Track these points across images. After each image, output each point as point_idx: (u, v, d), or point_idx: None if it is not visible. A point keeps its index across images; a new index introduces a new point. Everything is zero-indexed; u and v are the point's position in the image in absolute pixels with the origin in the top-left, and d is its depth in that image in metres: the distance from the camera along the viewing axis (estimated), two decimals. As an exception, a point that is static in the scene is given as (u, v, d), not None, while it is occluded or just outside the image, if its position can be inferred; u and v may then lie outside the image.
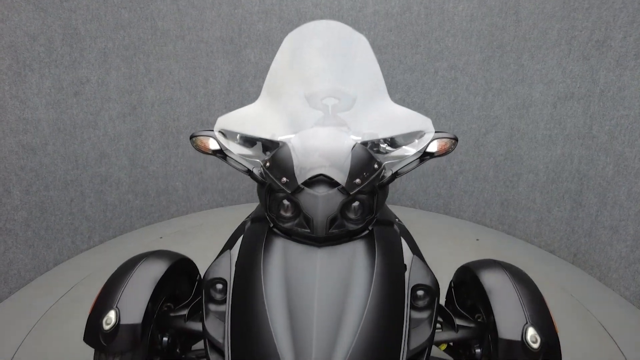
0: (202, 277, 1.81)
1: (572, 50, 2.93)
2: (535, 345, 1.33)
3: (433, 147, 1.52)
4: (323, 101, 1.72)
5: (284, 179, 1.46)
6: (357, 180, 1.45)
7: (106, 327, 1.40)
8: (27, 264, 2.78)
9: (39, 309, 2.50)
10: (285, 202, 1.50)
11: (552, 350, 1.35)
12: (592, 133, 2.88)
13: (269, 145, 1.68)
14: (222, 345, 1.35)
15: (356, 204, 1.49)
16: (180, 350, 1.76)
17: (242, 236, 1.65)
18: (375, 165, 1.52)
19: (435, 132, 1.55)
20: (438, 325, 1.64)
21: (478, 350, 1.60)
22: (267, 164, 1.54)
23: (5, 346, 2.19)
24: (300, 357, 1.21)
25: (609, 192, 2.77)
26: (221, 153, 1.57)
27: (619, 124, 2.67)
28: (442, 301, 2.30)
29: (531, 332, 1.35)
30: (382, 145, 1.67)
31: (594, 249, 2.92)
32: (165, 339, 1.67)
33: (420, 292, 1.48)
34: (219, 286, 1.51)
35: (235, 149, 1.58)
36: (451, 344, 1.72)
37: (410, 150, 1.57)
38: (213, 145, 1.56)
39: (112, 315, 1.42)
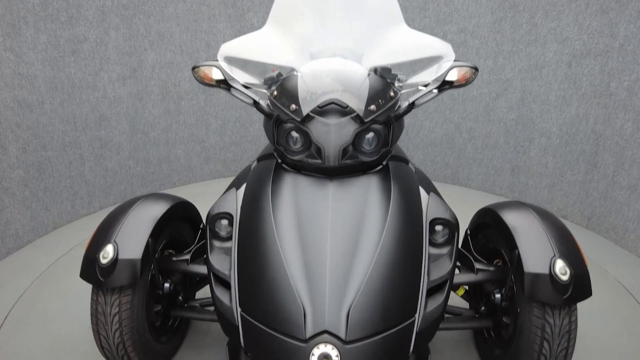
0: (204, 223, 1.72)
1: (590, 4, 2.81)
2: (565, 278, 1.24)
3: (452, 76, 1.42)
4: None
5: (293, 106, 1.36)
6: (372, 107, 1.35)
7: (103, 261, 1.32)
8: (25, 225, 2.70)
9: (38, 268, 2.43)
10: (294, 133, 1.40)
11: (582, 283, 1.26)
12: (610, 90, 2.76)
13: (275, 78, 1.58)
14: (228, 277, 1.27)
15: (370, 134, 1.39)
16: (183, 298, 1.68)
17: (249, 175, 1.56)
18: (392, 93, 1.42)
19: (454, 60, 1.45)
20: (456, 271, 1.55)
21: (498, 296, 1.51)
22: (275, 93, 1.44)
23: (2, 302, 2.11)
24: (313, 285, 1.12)
25: (627, 150, 2.66)
26: (225, 84, 1.47)
27: (639, 79, 2.56)
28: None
29: (560, 264, 1.26)
30: (397, 83, 1.57)
31: (610, 211, 2.83)
32: (167, 285, 1.59)
33: (439, 227, 1.39)
34: (224, 222, 1.42)
35: (241, 78, 1.48)
36: (466, 288, 1.63)
37: (428, 79, 1.47)
38: (216, 75, 1.46)
39: (109, 249, 1.34)
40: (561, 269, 1.25)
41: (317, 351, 1.03)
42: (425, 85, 1.47)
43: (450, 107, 3.80)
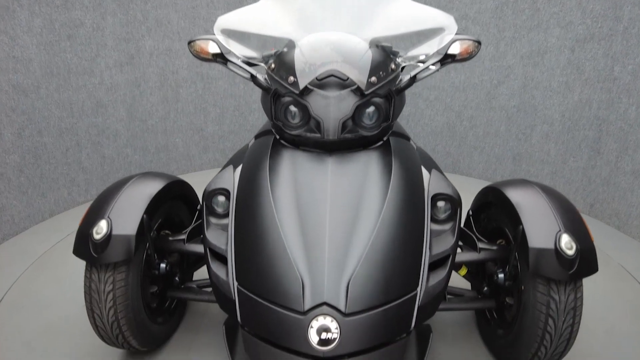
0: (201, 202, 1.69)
1: (593, -13, 2.77)
2: (571, 252, 1.20)
3: (455, 49, 1.38)
4: None
5: (291, 79, 1.32)
6: (373, 79, 1.31)
7: (97, 237, 1.28)
8: (20, 211, 2.66)
9: (34, 254, 2.40)
10: (293, 107, 1.37)
11: (588, 258, 1.23)
12: (614, 75, 2.72)
13: (273, 55, 1.54)
14: (225, 252, 1.23)
15: (371, 109, 1.36)
16: (180, 279, 1.65)
17: (246, 152, 1.53)
18: (393, 66, 1.38)
19: (456, 33, 1.41)
20: (459, 250, 1.52)
21: (501, 276, 1.47)
22: (272, 66, 1.41)
23: (-3, 286, 2.09)
24: (312, 257, 1.09)
25: (630, 135, 2.63)
26: (222, 58, 1.43)
27: (643, 61, 2.52)
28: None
29: (565, 238, 1.22)
30: (398, 58, 1.53)
31: (613, 198, 2.79)
32: (163, 265, 1.55)
33: (441, 203, 1.35)
34: (221, 198, 1.38)
35: (238, 51, 1.44)
36: (469, 268, 1.60)
37: (429, 52, 1.43)
38: (213, 48, 1.42)
39: (103, 224, 1.30)
40: (567, 243, 1.22)
41: (315, 323, 0.99)
42: (425, 60, 1.44)
43: (451, 95, 3.75)
